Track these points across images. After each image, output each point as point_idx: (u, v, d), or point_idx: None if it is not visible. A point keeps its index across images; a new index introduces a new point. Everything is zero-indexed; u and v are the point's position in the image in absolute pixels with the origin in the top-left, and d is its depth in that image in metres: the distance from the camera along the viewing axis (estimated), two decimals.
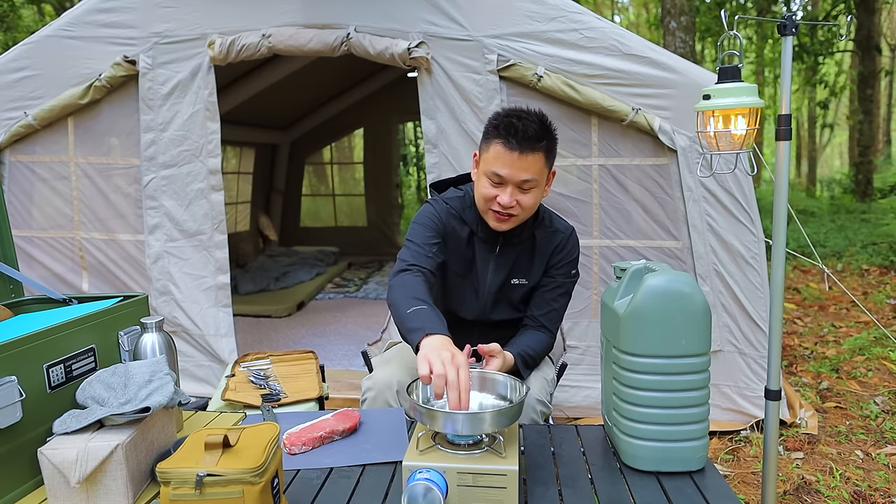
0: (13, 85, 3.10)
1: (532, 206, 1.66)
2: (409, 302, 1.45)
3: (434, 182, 1.90)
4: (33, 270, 3.26)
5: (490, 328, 1.81)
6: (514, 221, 1.67)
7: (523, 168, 1.58)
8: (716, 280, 2.78)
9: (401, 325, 1.43)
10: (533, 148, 1.58)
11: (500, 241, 1.76)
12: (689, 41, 6.05)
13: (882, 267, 6.27)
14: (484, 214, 1.69)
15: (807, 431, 2.87)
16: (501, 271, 1.77)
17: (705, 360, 1.28)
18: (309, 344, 4.11)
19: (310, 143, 7.52)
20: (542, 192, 1.68)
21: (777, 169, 1.76)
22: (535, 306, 1.81)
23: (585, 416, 2.95)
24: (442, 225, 1.73)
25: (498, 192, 1.62)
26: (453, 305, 1.82)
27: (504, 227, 1.67)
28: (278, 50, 2.90)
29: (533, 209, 1.67)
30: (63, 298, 1.56)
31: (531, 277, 1.79)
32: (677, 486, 1.23)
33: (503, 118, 1.61)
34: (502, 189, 1.61)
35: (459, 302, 1.81)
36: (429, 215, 1.74)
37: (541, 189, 1.66)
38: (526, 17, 2.73)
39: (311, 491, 1.24)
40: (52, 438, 1.13)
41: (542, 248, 1.78)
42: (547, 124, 1.63)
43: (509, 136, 1.57)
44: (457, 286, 1.79)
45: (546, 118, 1.65)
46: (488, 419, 1.15)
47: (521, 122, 1.58)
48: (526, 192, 1.62)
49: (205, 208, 3.10)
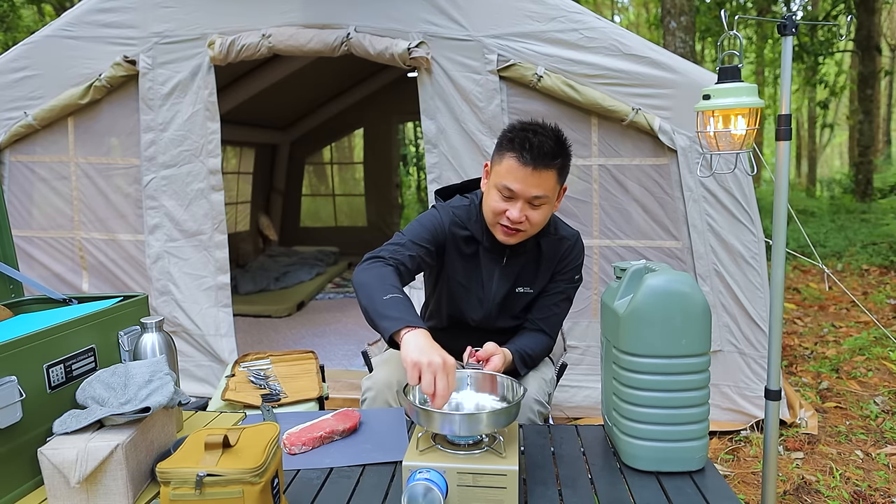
0: (13, 85, 3.10)
1: (541, 223, 1.64)
2: (384, 288, 1.42)
3: (439, 189, 1.88)
4: (33, 270, 3.26)
5: (493, 333, 1.79)
6: (521, 236, 1.65)
7: (535, 184, 1.56)
8: (716, 280, 2.78)
9: (371, 306, 1.39)
10: (547, 165, 1.55)
11: (506, 253, 1.74)
12: (689, 41, 6.05)
13: (882, 267, 6.27)
14: (492, 227, 1.67)
15: (807, 431, 2.87)
16: (507, 281, 1.76)
17: (705, 360, 1.28)
18: (309, 344, 4.11)
19: (310, 143, 7.51)
20: (552, 209, 1.66)
21: (777, 169, 1.76)
22: (536, 310, 1.81)
23: (585, 416, 2.95)
24: (443, 233, 1.71)
25: (508, 206, 1.59)
26: (457, 312, 1.81)
27: (511, 241, 1.65)
28: (278, 50, 2.90)
29: (541, 225, 1.65)
30: (63, 298, 1.56)
31: (536, 286, 1.78)
32: (677, 486, 1.23)
33: (518, 132, 1.58)
34: (512, 204, 1.59)
35: (464, 310, 1.80)
36: (431, 219, 1.72)
37: (551, 205, 1.64)
38: (526, 17, 2.73)
39: (311, 491, 1.24)
40: (53, 438, 1.14)
41: (549, 256, 1.77)
42: (562, 140, 1.60)
43: (524, 151, 1.54)
44: (461, 295, 1.78)
45: (562, 134, 1.61)
46: (485, 420, 1.15)
47: (537, 138, 1.55)
48: (536, 209, 1.60)
49: (205, 208, 3.10)
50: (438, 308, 1.85)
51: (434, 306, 1.88)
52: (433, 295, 1.87)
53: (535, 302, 1.81)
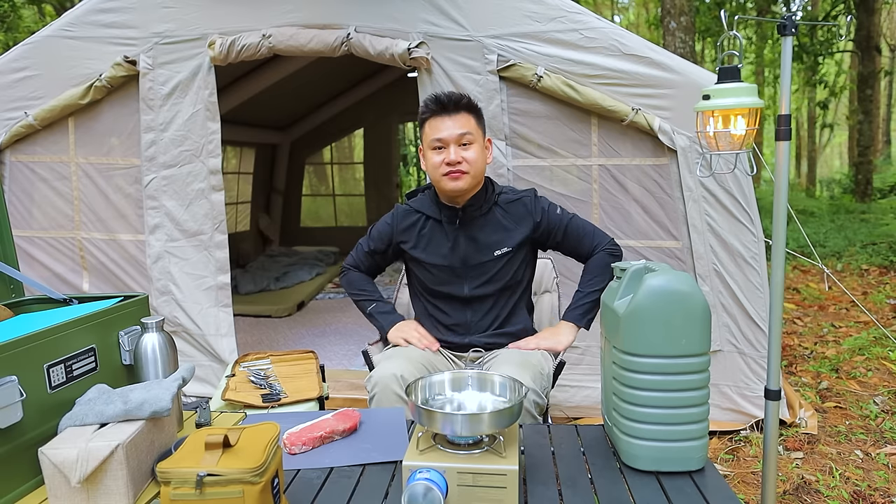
0: (14, 85, 3.10)
1: (477, 162, 1.83)
2: (371, 293, 2.04)
3: (408, 192, 2.06)
4: (34, 270, 3.26)
5: (482, 301, 1.95)
6: (467, 179, 1.82)
7: (457, 125, 1.81)
8: (716, 280, 2.78)
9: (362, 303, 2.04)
10: (458, 108, 1.82)
11: (459, 216, 1.90)
12: (689, 41, 6.06)
13: (882, 267, 6.27)
14: (441, 185, 1.85)
15: (806, 431, 2.87)
16: (474, 245, 1.90)
17: (705, 360, 1.28)
18: (309, 344, 4.11)
19: (310, 143, 7.51)
20: (482, 152, 1.86)
21: (777, 169, 1.77)
22: (571, 251, 1.98)
23: (585, 416, 2.95)
24: (389, 231, 2.00)
25: (443, 155, 1.82)
26: (442, 288, 1.95)
27: (460, 184, 1.82)
28: (278, 50, 2.90)
29: (479, 166, 1.84)
30: (63, 298, 1.56)
31: (511, 242, 1.92)
32: (677, 486, 1.23)
33: (426, 101, 1.85)
34: (446, 151, 1.82)
35: (446, 284, 1.94)
36: (379, 224, 2.03)
37: (481, 147, 1.85)
38: (526, 18, 2.73)
39: (311, 491, 1.24)
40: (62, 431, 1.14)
41: (515, 215, 1.93)
42: (468, 97, 1.85)
43: (436, 107, 1.82)
44: (439, 272, 1.93)
45: (466, 95, 1.87)
46: (486, 420, 1.15)
47: (450, 93, 1.84)
48: (467, 148, 1.82)
49: (205, 208, 3.10)
50: (424, 289, 2.01)
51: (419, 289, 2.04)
52: (413, 282, 2.07)
53: (567, 247, 1.98)
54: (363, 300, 2.05)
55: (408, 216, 1.98)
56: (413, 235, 1.96)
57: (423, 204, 1.97)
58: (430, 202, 1.96)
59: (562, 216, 1.95)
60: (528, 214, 1.93)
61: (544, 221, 1.93)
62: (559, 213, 1.95)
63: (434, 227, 1.95)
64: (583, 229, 1.96)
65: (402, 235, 1.98)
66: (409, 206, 1.99)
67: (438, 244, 1.93)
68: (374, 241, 2.04)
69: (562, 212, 1.96)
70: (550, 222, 1.94)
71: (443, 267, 1.93)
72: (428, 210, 1.95)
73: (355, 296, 2.07)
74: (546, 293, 2.28)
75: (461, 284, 1.93)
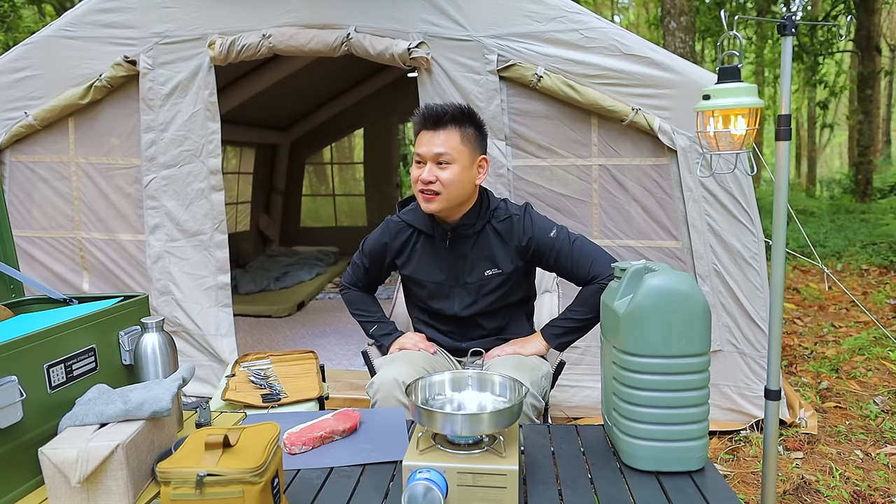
0: (14, 85, 3.10)
1: (452, 184, 1.72)
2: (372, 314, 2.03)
3: (401, 200, 2.00)
4: (34, 270, 3.26)
5: (476, 317, 1.91)
6: (439, 201, 1.74)
7: (437, 143, 1.71)
8: (716, 280, 2.78)
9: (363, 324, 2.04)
10: (445, 124, 1.72)
11: (448, 236, 1.84)
12: (689, 41, 6.06)
13: (882, 267, 6.27)
14: (419, 200, 1.79)
15: (806, 431, 2.87)
16: (464, 264, 1.85)
17: (705, 360, 1.29)
18: (309, 344, 4.11)
19: (310, 143, 7.51)
20: (464, 173, 1.74)
21: (777, 169, 1.77)
22: (572, 277, 1.86)
23: (585, 416, 2.95)
24: (381, 247, 1.94)
25: (420, 171, 1.75)
26: (435, 304, 1.92)
27: (431, 206, 1.75)
28: (278, 50, 2.90)
29: (456, 188, 1.74)
30: (63, 298, 1.56)
31: (504, 266, 1.85)
32: (677, 486, 1.23)
33: (417, 109, 1.78)
34: (424, 167, 1.74)
35: (439, 300, 1.91)
36: (370, 239, 1.97)
37: (461, 167, 1.73)
38: (526, 18, 2.73)
39: (311, 491, 1.24)
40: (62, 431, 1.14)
41: (507, 235, 1.85)
42: (465, 109, 1.76)
43: (424, 120, 1.74)
44: (432, 287, 1.90)
45: (466, 106, 1.77)
46: (486, 420, 1.15)
47: (437, 107, 1.74)
48: (444, 168, 1.72)
49: (205, 208, 3.10)
50: (419, 301, 1.99)
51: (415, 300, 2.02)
52: (409, 294, 2.04)
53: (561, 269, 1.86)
54: (364, 321, 2.04)
55: (400, 233, 1.92)
56: (406, 252, 1.92)
57: (415, 218, 1.89)
58: (423, 216, 1.87)
59: (555, 239, 1.82)
60: (515, 236, 1.84)
61: (532, 245, 1.83)
62: (552, 237, 1.82)
63: (426, 243, 1.89)
64: (580, 255, 1.82)
65: (395, 254, 1.94)
66: (401, 220, 1.92)
67: (431, 261, 1.88)
68: (367, 258, 2.00)
69: (557, 234, 1.83)
70: (539, 245, 1.83)
71: (435, 283, 1.89)
72: (420, 225, 1.88)
73: (356, 316, 2.06)
74: (546, 293, 2.28)
75: (453, 302, 1.90)
